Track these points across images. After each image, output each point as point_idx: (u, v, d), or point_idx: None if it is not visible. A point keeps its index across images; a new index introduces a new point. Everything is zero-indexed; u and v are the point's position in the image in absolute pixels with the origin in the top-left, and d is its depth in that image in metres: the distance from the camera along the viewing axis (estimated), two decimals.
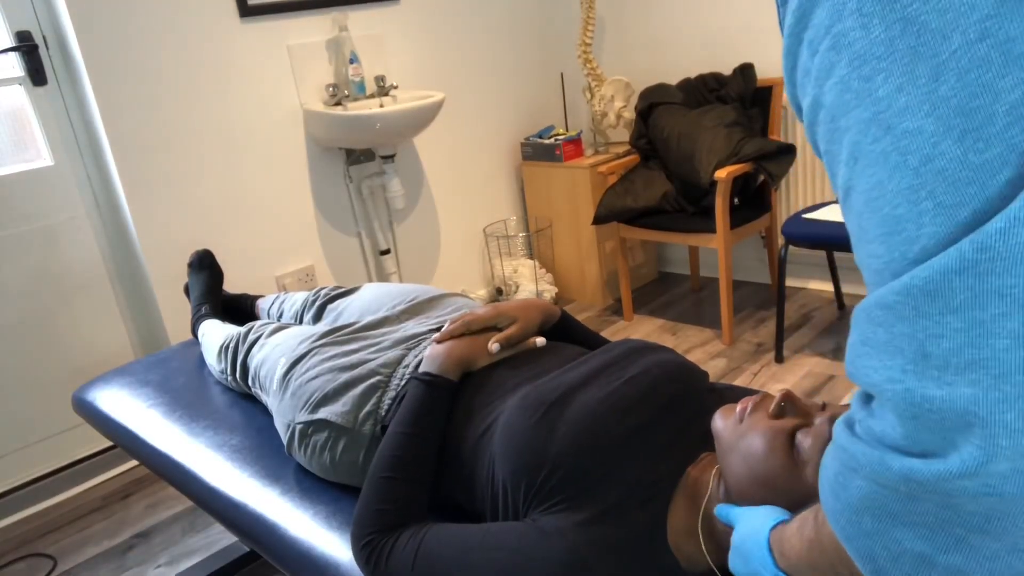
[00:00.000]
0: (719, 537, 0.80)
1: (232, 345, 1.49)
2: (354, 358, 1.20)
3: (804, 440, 0.74)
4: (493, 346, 1.09)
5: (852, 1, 0.42)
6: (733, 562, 0.73)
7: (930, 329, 0.40)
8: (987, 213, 0.39)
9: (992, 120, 0.38)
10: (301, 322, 1.60)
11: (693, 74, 2.91)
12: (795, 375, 2.37)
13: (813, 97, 0.47)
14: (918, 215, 0.41)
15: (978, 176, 0.39)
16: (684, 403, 0.94)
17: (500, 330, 1.13)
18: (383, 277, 2.85)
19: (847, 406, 0.77)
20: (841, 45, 0.43)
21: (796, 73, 0.48)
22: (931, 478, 0.42)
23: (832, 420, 0.74)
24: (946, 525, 0.42)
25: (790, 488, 0.73)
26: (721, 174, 2.44)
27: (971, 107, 0.39)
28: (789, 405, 0.78)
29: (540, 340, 1.14)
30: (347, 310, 1.48)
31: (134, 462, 2.37)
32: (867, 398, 0.46)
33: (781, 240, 2.41)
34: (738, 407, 0.81)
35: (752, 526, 0.71)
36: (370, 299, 1.45)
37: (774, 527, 0.69)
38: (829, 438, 0.72)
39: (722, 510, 0.77)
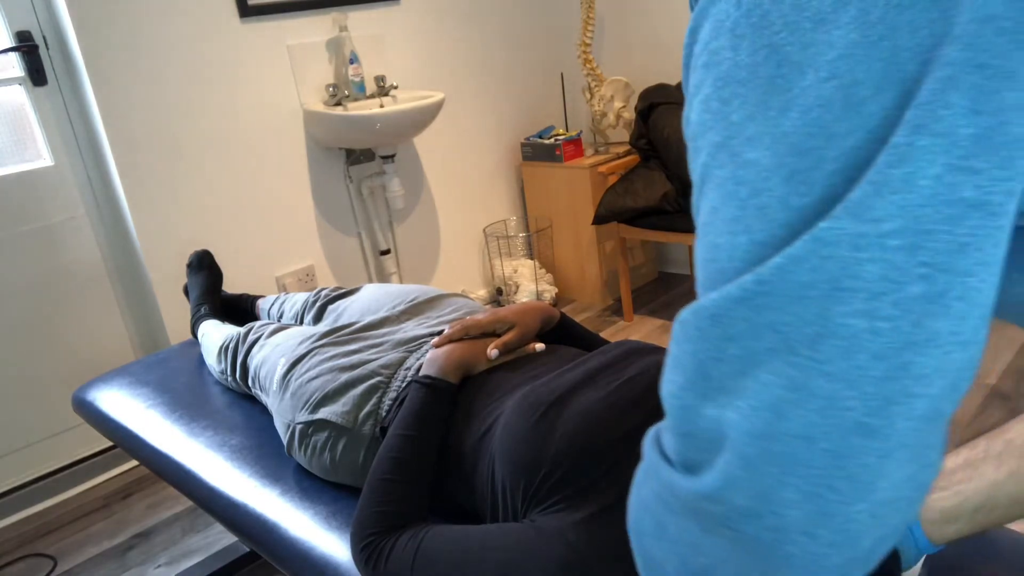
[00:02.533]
0: None
1: (232, 346, 1.49)
2: (355, 358, 1.20)
3: None
4: (492, 352, 1.09)
5: (730, 19, 0.42)
6: None
7: (711, 352, 0.41)
8: None
9: (820, 164, 0.38)
10: (302, 323, 1.60)
11: None
12: None
13: (686, 114, 0.46)
14: (732, 248, 0.41)
15: (793, 220, 0.39)
16: None
17: (498, 335, 1.13)
18: (383, 277, 2.85)
19: None
20: (712, 63, 0.43)
21: (688, 88, 0.48)
22: (685, 494, 0.43)
23: None
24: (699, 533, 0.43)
25: None
26: None
27: (805, 147, 0.38)
28: None
29: (539, 345, 1.14)
30: (347, 310, 1.48)
31: (134, 462, 2.37)
32: None
33: None
34: None
35: None
36: (370, 299, 1.45)
37: None
38: None
39: None
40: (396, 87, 2.73)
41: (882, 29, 0.36)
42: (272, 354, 1.35)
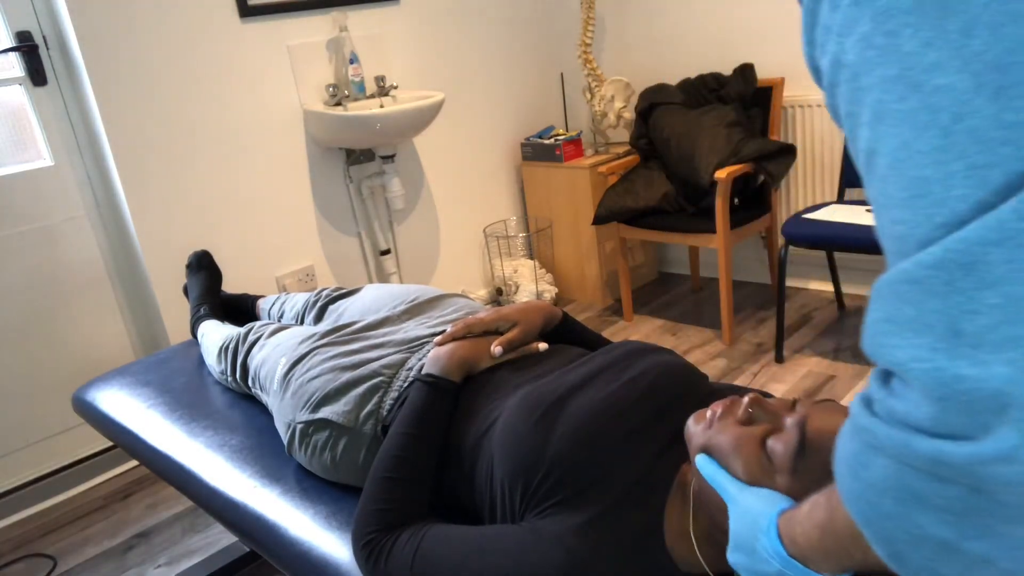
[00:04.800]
0: (715, 538, 0.79)
1: (232, 346, 1.49)
2: (356, 358, 1.20)
3: (776, 446, 0.73)
4: (496, 349, 1.09)
5: None
6: (733, 556, 0.71)
7: (964, 305, 0.38)
8: None
9: None
10: (302, 323, 1.60)
11: (693, 74, 2.91)
12: (795, 375, 2.37)
13: (833, 55, 0.44)
14: (946, 176, 0.38)
15: (1013, 136, 0.36)
16: (683, 405, 0.93)
17: (501, 333, 1.13)
18: (383, 277, 2.85)
19: (820, 402, 0.76)
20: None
21: (816, 31, 0.46)
22: (962, 461, 0.39)
23: (801, 424, 0.72)
24: (974, 512, 0.40)
25: None
26: (721, 174, 2.44)
27: (1007, 63, 0.36)
28: (757, 410, 0.77)
29: (542, 345, 1.14)
30: (348, 310, 1.47)
31: (134, 462, 2.37)
32: (886, 376, 0.44)
33: (781, 240, 2.41)
34: (708, 412, 0.80)
35: (753, 514, 0.69)
36: (371, 299, 1.45)
37: (781, 512, 0.67)
38: (798, 443, 0.71)
39: (707, 468, 0.75)
40: (396, 87, 2.73)
41: None
42: (272, 354, 1.35)
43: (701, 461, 0.76)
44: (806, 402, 0.78)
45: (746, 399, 0.79)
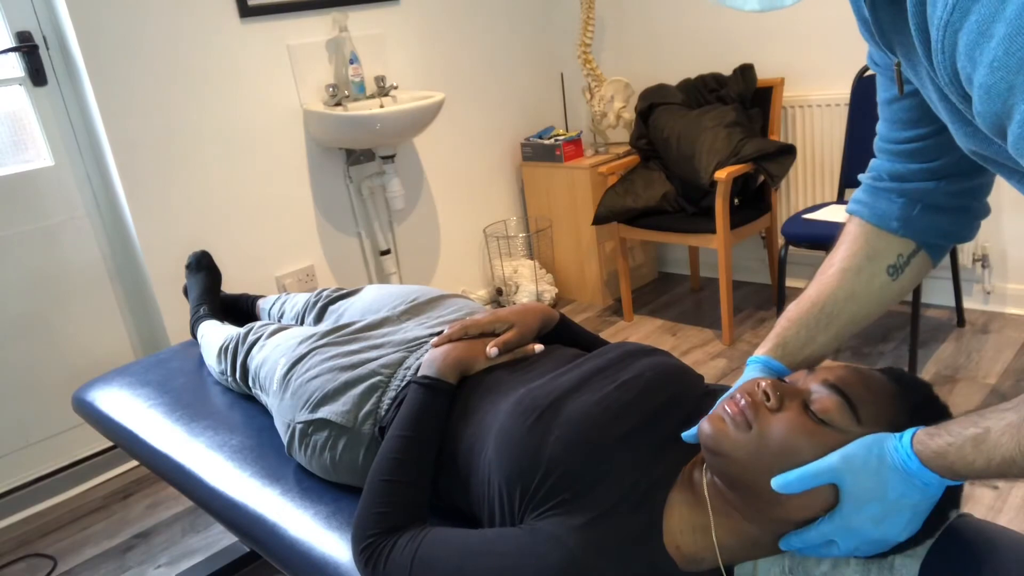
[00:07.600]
0: (741, 529, 0.80)
1: (232, 346, 1.49)
2: (355, 358, 1.20)
3: (823, 408, 0.75)
4: (491, 350, 1.09)
5: None
6: (855, 519, 0.71)
7: None
8: None
9: None
10: (302, 323, 1.60)
11: (693, 74, 2.91)
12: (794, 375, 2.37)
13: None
14: None
15: None
16: (678, 406, 0.93)
17: (498, 335, 1.13)
18: (383, 278, 2.85)
19: (828, 368, 0.80)
20: None
21: None
22: None
23: (827, 382, 0.77)
24: None
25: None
26: (721, 174, 2.44)
27: None
28: (780, 391, 0.79)
29: (538, 347, 1.14)
30: (348, 311, 1.48)
31: (134, 462, 2.37)
32: None
33: (781, 240, 2.41)
34: (730, 412, 0.79)
35: (862, 460, 0.70)
36: (371, 300, 1.45)
37: (912, 436, 0.68)
38: (840, 395, 0.75)
39: (792, 480, 0.73)
40: (396, 87, 2.73)
41: None
42: (272, 354, 1.36)
43: (781, 483, 0.73)
44: (798, 375, 0.83)
45: (764, 385, 0.79)
